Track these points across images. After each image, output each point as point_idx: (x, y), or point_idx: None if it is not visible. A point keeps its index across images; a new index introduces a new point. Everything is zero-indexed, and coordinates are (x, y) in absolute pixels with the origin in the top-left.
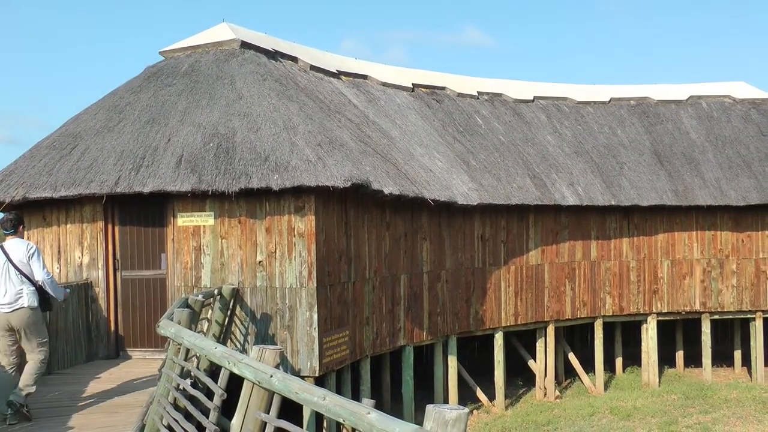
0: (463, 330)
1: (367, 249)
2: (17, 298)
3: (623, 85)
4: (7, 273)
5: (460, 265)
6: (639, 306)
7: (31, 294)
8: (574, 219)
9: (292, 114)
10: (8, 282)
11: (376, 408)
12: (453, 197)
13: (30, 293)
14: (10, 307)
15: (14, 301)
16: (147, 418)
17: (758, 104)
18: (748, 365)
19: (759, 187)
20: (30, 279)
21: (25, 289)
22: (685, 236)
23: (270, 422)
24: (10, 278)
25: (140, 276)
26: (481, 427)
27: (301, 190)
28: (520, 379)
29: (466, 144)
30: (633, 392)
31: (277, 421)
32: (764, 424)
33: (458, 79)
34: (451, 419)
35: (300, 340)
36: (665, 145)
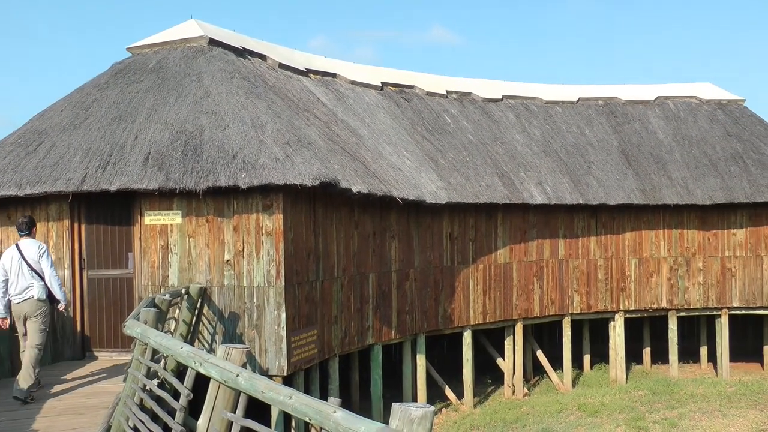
0: (431, 328)
1: (335, 248)
2: (27, 290)
3: (591, 85)
4: (20, 269)
5: (429, 263)
6: (607, 304)
7: (40, 288)
8: (543, 218)
9: (260, 112)
10: (21, 276)
11: (344, 407)
12: (422, 196)
13: (39, 287)
14: (20, 297)
15: (24, 292)
16: (113, 420)
17: (724, 105)
18: (714, 361)
19: (725, 187)
20: (40, 275)
21: (35, 284)
22: (652, 235)
23: (236, 421)
24: (23, 273)
25: (107, 275)
26: (450, 425)
27: (269, 189)
28: (489, 377)
29: (435, 143)
30: (601, 389)
31: (243, 421)
32: (729, 418)
33: (427, 78)
34: (416, 417)
35: (268, 339)
36: (633, 145)
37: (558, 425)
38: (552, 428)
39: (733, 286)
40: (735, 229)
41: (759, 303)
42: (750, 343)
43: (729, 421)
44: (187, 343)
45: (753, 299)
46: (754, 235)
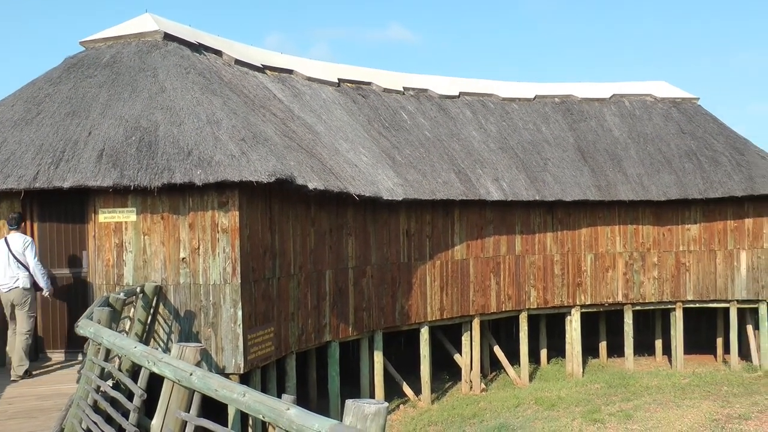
0: (389, 325)
1: (292, 245)
2: (14, 280)
3: (548, 83)
4: (8, 260)
5: (386, 260)
6: (563, 299)
7: (25, 278)
8: (499, 214)
9: (215, 108)
10: (8, 267)
11: (301, 404)
12: (378, 192)
13: (24, 277)
14: (7, 287)
15: (11, 282)
16: (66, 422)
17: (678, 103)
18: (669, 354)
19: (679, 183)
20: (25, 266)
21: (20, 274)
22: (608, 230)
23: (190, 421)
24: (9, 265)
25: (60, 274)
26: (408, 421)
27: (224, 186)
28: (446, 373)
29: (392, 139)
30: (557, 383)
31: (197, 420)
32: (683, 409)
33: (384, 75)
34: (370, 413)
35: (224, 337)
36: (589, 142)
37: (515, 420)
38: (509, 423)
39: (687, 280)
40: (689, 224)
41: (712, 296)
42: (704, 336)
43: (683, 412)
44: (142, 343)
45: (707, 293)
46: (707, 230)
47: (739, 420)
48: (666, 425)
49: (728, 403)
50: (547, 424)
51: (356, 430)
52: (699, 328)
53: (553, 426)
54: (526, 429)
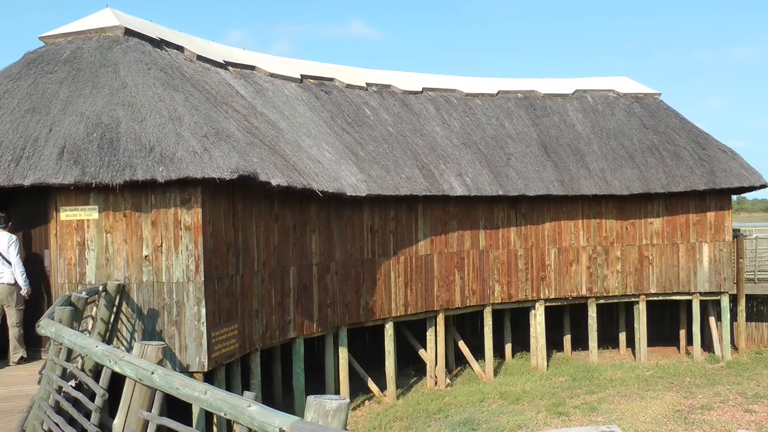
0: (353, 321)
1: (255, 241)
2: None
3: (511, 78)
4: None
5: (350, 256)
6: (527, 293)
7: (10, 274)
8: (463, 209)
9: (177, 104)
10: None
11: (266, 401)
12: (342, 189)
13: (9, 273)
14: None
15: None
16: (27, 424)
17: (641, 98)
18: (632, 346)
19: (641, 177)
20: (9, 263)
21: (5, 270)
22: (572, 225)
23: (152, 420)
24: None
25: None
26: (373, 417)
27: (187, 182)
28: (412, 368)
29: (355, 135)
30: (522, 377)
31: (159, 419)
32: (647, 400)
33: (347, 71)
34: (331, 409)
35: (188, 335)
36: (552, 137)
37: (480, 414)
38: (474, 417)
39: (650, 274)
40: (652, 218)
41: (675, 289)
42: (667, 328)
43: (647, 404)
44: (105, 342)
45: (670, 285)
46: (670, 224)
47: (702, 410)
48: (630, 417)
49: (691, 393)
50: (512, 418)
51: (317, 426)
52: (662, 321)
53: (518, 420)
54: (491, 423)
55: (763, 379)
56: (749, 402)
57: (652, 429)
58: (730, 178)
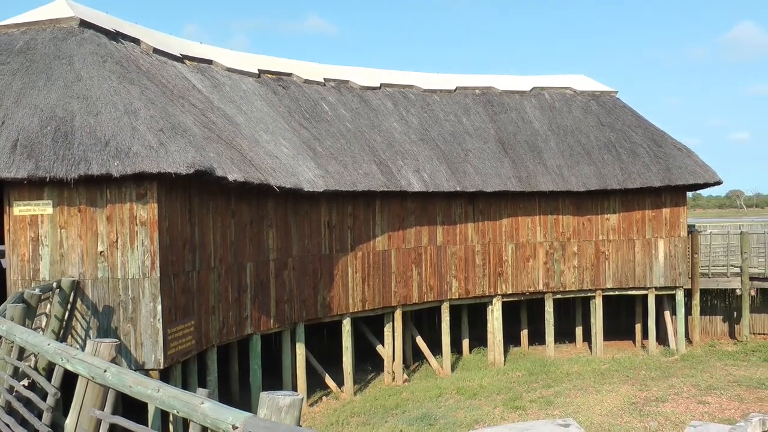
0: (310, 317)
1: (212, 237)
2: None
3: (468, 75)
4: None
5: (307, 252)
6: (484, 288)
7: None
8: (420, 205)
9: (133, 98)
10: None
11: (223, 398)
12: (299, 184)
13: None
14: None
15: None
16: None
17: (597, 96)
18: (589, 340)
19: (598, 174)
20: None
21: None
22: (529, 221)
23: (105, 419)
24: None
25: None
26: (330, 413)
27: (143, 177)
28: (369, 364)
29: (313, 131)
30: (479, 372)
31: (112, 418)
32: (602, 393)
33: (305, 66)
34: (284, 406)
35: (144, 332)
36: (509, 134)
37: (438, 409)
38: (432, 413)
39: (606, 269)
40: (608, 214)
41: (631, 284)
42: (623, 322)
43: (602, 397)
44: (59, 340)
45: (626, 280)
46: (626, 220)
47: (657, 402)
48: (586, 410)
49: (646, 386)
50: (469, 413)
51: (270, 423)
52: (618, 315)
53: (475, 415)
54: (448, 419)
55: (716, 371)
56: (702, 394)
57: (608, 422)
58: (686, 175)
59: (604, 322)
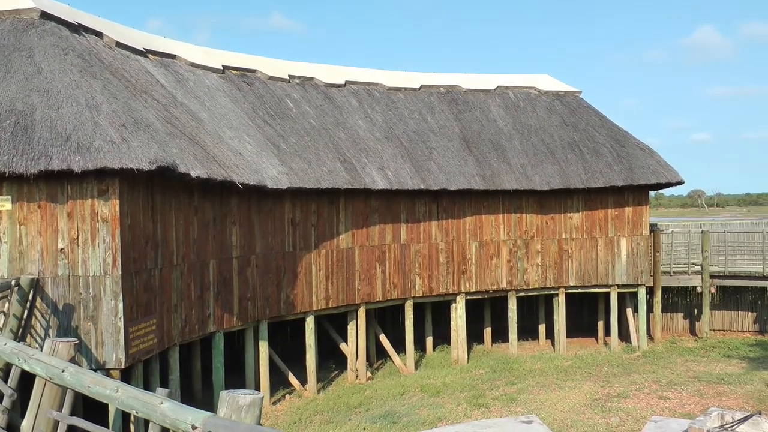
0: (274, 315)
1: (174, 234)
2: None
3: (433, 73)
4: None
5: (271, 249)
6: (448, 286)
7: None
8: (385, 203)
9: (95, 92)
10: None
11: (185, 397)
12: (263, 181)
13: None
14: None
15: None
16: None
17: (561, 96)
18: (552, 338)
19: (561, 173)
20: None
21: None
22: (492, 219)
23: (62, 420)
24: None
25: None
26: (293, 411)
27: (104, 173)
28: (332, 362)
29: (277, 127)
30: (443, 369)
31: (69, 419)
32: (565, 390)
33: (269, 62)
34: (245, 404)
35: (105, 330)
36: (474, 132)
37: (401, 407)
38: (395, 410)
39: (569, 267)
40: (571, 213)
41: (594, 282)
42: (586, 320)
43: (565, 393)
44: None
45: (588, 278)
46: (589, 219)
47: (618, 398)
48: (548, 406)
49: (608, 383)
50: (433, 411)
51: (230, 422)
52: (581, 313)
53: (438, 412)
54: (411, 416)
55: (677, 367)
56: (663, 389)
57: (570, 418)
58: (648, 175)
59: (567, 319)
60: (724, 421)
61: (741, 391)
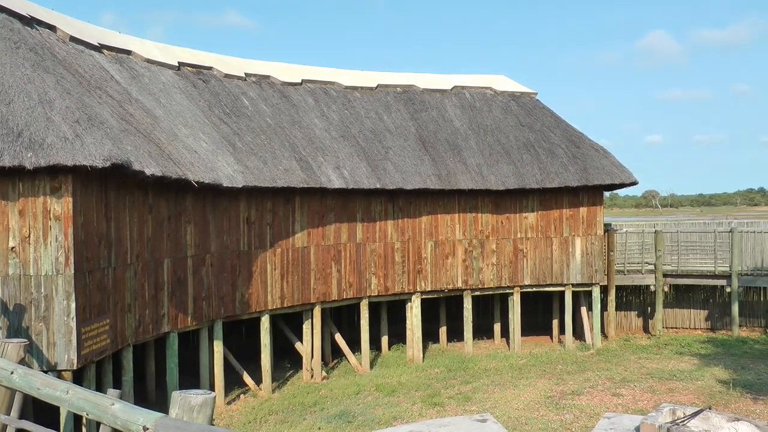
0: (229, 314)
1: (128, 233)
2: None
3: (390, 73)
4: None
5: (226, 248)
6: (404, 285)
7: None
8: (340, 202)
9: (48, 87)
10: None
11: (138, 399)
12: (218, 179)
13: None
14: None
15: None
16: None
17: (517, 97)
18: (507, 336)
19: (517, 173)
20: None
21: None
22: (448, 218)
23: (11, 424)
24: None
25: None
26: (248, 411)
27: (57, 170)
28: (288, 361)
29: (233, 126)
30: (398, 369)
31: (18, 422)
32: (520, 388)
33: (226, 60)
34: (197, 404)
35: (57, 331)
36: (430, 132)
37: (356, 407)
38: (350, 410)
39: (524, 266)
40: (526, 212)
41: (549, 281)
42: (540, 318)
43: (520, 391)
44: None
45: (543, 277)
46: (544, 218)
47: (572, 396)
48: (503, 404)
49: (562, 380)
50: (388, 410)
51: (182, 422)
52: (536, 311)
53: (394, 411)
54: (366, 416)
55: (630, 364)
56: (617, 386)
57: (525, 415)
58: (602, 176)
59: (522, 318)
60: (675, 416)
61: (692, 387)
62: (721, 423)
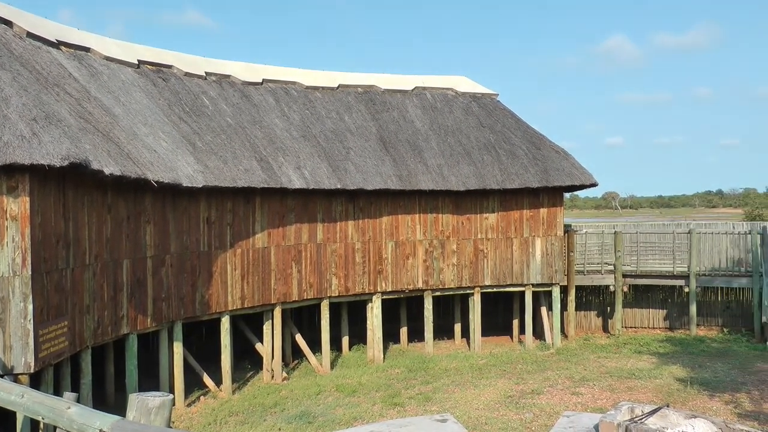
0: (189, 315)
1: (87, 233)
2: None
3: (351, 73)
4: None
5: (186, 248)
6: (364, 286)
7: None
8: (301, 202)
9: (4, 84)
10: None
11: (97, 401)
12: (178, 179)
13: None
14: None
15: None
16: None
17: (478, 98)
18: (467, 337)
19: (478, 174)
20: None
21: None
22: (409, 219)
23: None
24: None
25: None
26: (208, 412)
27: (13, 169)
28: (248, 362)
29: (193, 125)
30: (359, 369)
31: None
32: (480, 388)
33: (186, 59)
34: (154, 407)
35: (13, 334)
36: (391, 132)
37: (317, 407)
38: (310, 410)
39: (485, 266)
40: (487, 213)
41: (509, 281)
42: (501, 318)
43: (480, 391)
44: None
45: (504, 278)
46: (504, 219)
47: (532, 395)
48: (463, 404)
49: (522, 380)
50: (348, 411)
51: (139, 425)
52: (496, 312)
53: (354, 412)
54: (327, 416)
55: (590, 363)
56: (576, 385)
57: (485, 415)
58: (563, 177)
59: (483, 318)
60: (634, 414)
61: (651, 385)
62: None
